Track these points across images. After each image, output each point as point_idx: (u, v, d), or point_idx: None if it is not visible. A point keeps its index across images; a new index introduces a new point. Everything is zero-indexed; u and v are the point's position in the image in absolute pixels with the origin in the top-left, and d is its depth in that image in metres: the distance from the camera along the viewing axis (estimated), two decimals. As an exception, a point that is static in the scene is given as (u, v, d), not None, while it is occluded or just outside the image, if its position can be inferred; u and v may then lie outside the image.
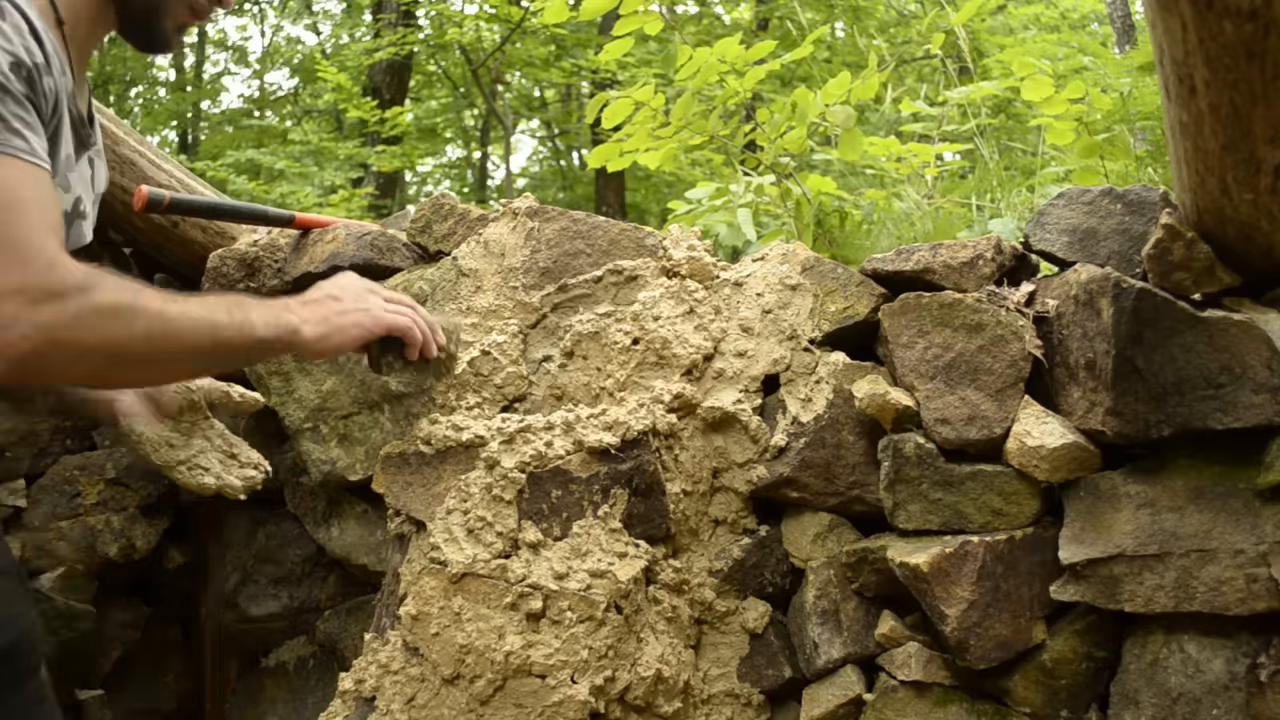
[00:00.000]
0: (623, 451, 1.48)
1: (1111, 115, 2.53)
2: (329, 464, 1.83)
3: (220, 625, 2.01)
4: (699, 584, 1.55)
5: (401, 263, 1.92)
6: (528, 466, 1.45)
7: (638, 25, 2.50)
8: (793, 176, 2.36)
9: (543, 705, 1.38)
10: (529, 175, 13.05)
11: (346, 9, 11.80)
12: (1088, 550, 1.34)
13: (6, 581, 1.19)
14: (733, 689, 1.55)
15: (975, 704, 1.42)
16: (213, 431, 1.56)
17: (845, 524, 1.55)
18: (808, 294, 1.60)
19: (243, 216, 1.98)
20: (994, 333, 1.44)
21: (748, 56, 2.38)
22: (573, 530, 1.45)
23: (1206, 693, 1.30)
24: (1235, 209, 1.23)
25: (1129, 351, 1.30)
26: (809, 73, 6.11)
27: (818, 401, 1.55)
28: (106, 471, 2.02)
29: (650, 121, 2.45)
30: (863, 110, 3.86)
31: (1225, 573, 1.29)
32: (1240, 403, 1.29)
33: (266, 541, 2.00)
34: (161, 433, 1.52)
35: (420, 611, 1.44)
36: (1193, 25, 1.04)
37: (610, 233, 1.72)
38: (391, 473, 1.53)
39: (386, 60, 8.17)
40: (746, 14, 9.16)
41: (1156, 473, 1.35)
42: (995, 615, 1.37)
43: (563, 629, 1.40)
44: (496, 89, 9.21)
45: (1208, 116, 1.13)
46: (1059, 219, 1.47)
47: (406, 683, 1.45)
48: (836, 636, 1.50)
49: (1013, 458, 1.40)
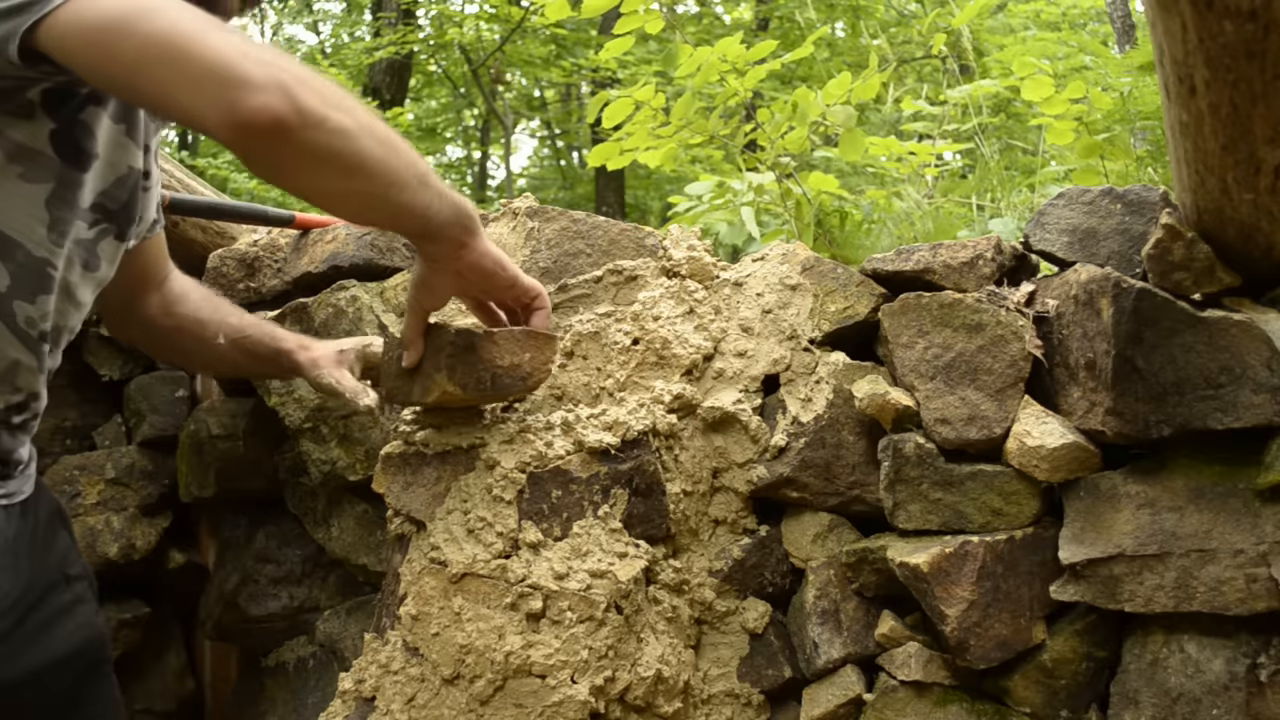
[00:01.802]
0: (623, 451, 1.48)
1: (1111, 115, 2.54)
2: (329, 464, 1.83)
3: (220, 625, 2.00)
4: (699, 584, 1.55)
5: (401, 263, 1.92)
6: (528, 466, 1.45)
7: (638, 24, 2.50)
8: (793, 176, 2.36)
9: (543, 705, 1.38)
10: (529, 175, 13.05)
11: (346, 9, 11.80)
12: (1088, 550, 1.34)
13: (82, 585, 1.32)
14: (733, 689, 1.55)
15: (975, 704, 1.42)
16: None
17: (845, 524, 1.55)
18: (808, 294, 1.60)
19: (243, 216, 1.99)
20: (994, 333, 1.44)
21: (748, 56, 2.39)
22: (573, 530, 1.45)
23: (1206, 693, 1.30)
24: (1235, 209, 1.23)
25: (1129, 351, 1.30)
26: (810, 72, 6.10)
27: (818, 401, 1.55)
28: (106, 471, 2.02)
29: (651, 121, 2.45)
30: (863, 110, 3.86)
31: (1225, 573, 1.29)
32: (1240, 403, 1.29)
33: (266, 541, 2.00)
34: (356, 384, 1.62)
35: (420, 611, 1.44)
36: (1193, 25, 1.04)
37: (610, 233, 1.72)
38: (391, 473, 1.53)
39: (386, 60, 8.17)
40: (747, 14, 9.16)
41: (1156, 473, 1.35)
42: (995, 615, 1.37)
43: (563, 629, 1.40)
44: (496, 89, 9.21)
45: (1208, 116, 1.13)
46: (1059, 219, 1.47)
47: (406, 683, 1.45)
48: (836, 636, 1.50)
49: (1013, 458, 1.40)
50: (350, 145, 1.07)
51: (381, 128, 1.13)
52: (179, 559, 2.08)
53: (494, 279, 1.33)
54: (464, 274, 1.29)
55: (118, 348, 2.11)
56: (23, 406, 1.23)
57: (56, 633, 1.26)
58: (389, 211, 1.18)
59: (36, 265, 1.19)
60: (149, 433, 2.07)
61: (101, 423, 2.12)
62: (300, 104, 1.02)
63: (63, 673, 1.27)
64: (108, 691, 1.36)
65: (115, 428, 2.12)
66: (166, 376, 2.10)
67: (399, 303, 1.83)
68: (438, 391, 1.38)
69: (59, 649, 1.26)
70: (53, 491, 1.40)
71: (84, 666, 1.31)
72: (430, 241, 1.25)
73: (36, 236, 1.18)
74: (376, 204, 1.16)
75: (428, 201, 1.18)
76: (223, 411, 1.98)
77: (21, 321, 1.19)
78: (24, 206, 1.16)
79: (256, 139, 1.02)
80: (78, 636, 1.30)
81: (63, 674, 1.27)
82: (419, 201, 1.17)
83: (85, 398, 2.11)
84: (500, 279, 1.33)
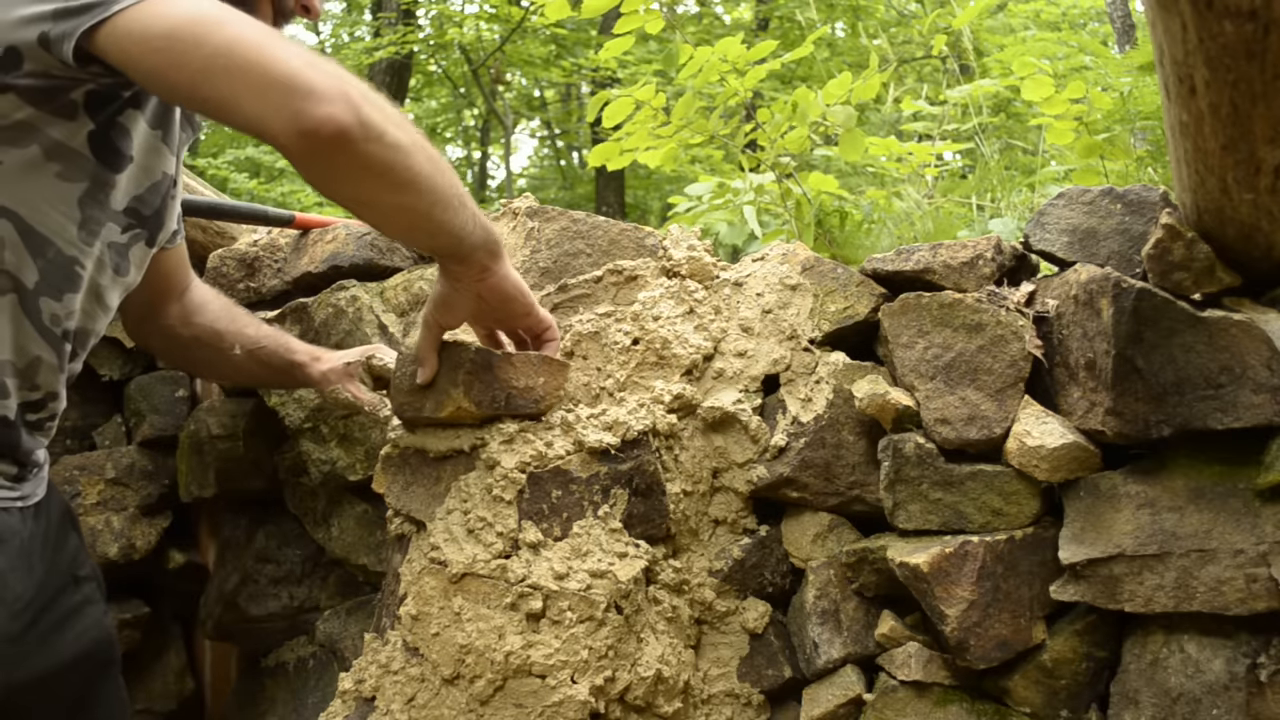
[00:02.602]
0: (623, 451, 1.48)
1: (1111, 115, 2.54)
2: (329, 464, 1.83)
3: (220, 625, 2.00)
4: (699, 584, 1.55)
5: (401, 263, 1.92)
6: (528, 466, 1.45)
7: (638, 24, 2.50)
8: (793, 176, 2.36)
9: (543, 705, 1.38)
10: (529, 175, 13.06)
11: (346, 9, 11.80)
12: (1088, 550, 1.34)
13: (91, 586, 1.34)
14: (733, 689, 1.55)
15: (975, 704, 1.42)
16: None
17: (845, 524, 1.55)
18: (808, 294, 1.60)
19: (242, 216, 1.99)
20: (994, 333, 1.44)
21: (749, 56, 2.39)
22: (573, 530, 1.45)
23: (1206, 693, 1.30)
24: (1235, 209, 1.23)
25: (1129, 351, 1.30)
26: (810, 72, 6.10)
27: (818, 401, 1.55)
28: (106, 471, 2.03)
29: (651, 121, 2.45)
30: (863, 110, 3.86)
31: (1225, 573, 1.29)
32: (1240, 403, 1.29)
33: (266, 541, 2.00)
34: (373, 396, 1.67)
35: (420, 611, 1.44)
36: (1193, 25, 1.04)
37: (610, 233, 1.72)
38: (391, 473, 1.53)
39: (386, 60, 8.17)
40: (747, 14, 9.16)
41: (1156, 473, 1.35)
42: (995, 615, 1.37)
43: (563, 629, 1.40)
44: (496, 89, 9.22)
45: (1208, 116, 1.13)
46: (1059, 219, 1.47)
47: (406, 683, 1.45)
48: (836, 636, 1.50)
49: (1013, 458, 1.40)
50: (405, 160, 1.12)
51: (430, 147, 1.18)
52: (179, 559, 2.08)
53: (512, 305, 1.37)
54: (485, 296, 1.33)
55: (118, 348, 2.11)
56: (41, 405, 1.24)
57: (67, 634, 1.27)
58: (429, 229, 1.22)
59: (65, 263, 1.20)
60: (149, 433, 2.07)
61: (101, 423, 2.12)
62: (364, 116, 1.07)
63: (72, 674, 1.28)
64: (115, 693, 1.37)
65: (115, 428, 2.12)
66: (166, 376, 2.10)
67: (399, 303, 1.83)
68: (452, 407, 1.42)
69: (69, 651, 1.27)
70: (54, 492, 1.41)
71: (93, 668, 1.32)
72: (459, 262, 1.28)
73: (68, 235, 1.20)
74: (420, 220, 1.20)
75: (463, 222, 1.23)
76: (223, 411, 1.98)
77: (46, 318, 1.20)
78: (58, 204, 1.18)
79: (320, 147, 1.06)
80: (87, 638, 1.31)
81: (72, 675, 1.28)
82: (457, 222, 1.22)
83: (85, 398, 2.11)
84: (518, 305, 1.37)
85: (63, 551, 1.31)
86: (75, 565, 1.33)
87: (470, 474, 1.47)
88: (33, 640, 1.21)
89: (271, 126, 1.06)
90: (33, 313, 1.19)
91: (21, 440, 1.22)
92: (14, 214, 1.15)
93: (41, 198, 1.16)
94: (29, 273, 1.17)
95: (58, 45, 1.07)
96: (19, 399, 1.20)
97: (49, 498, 1.31)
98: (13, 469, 1.22)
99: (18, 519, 1.21)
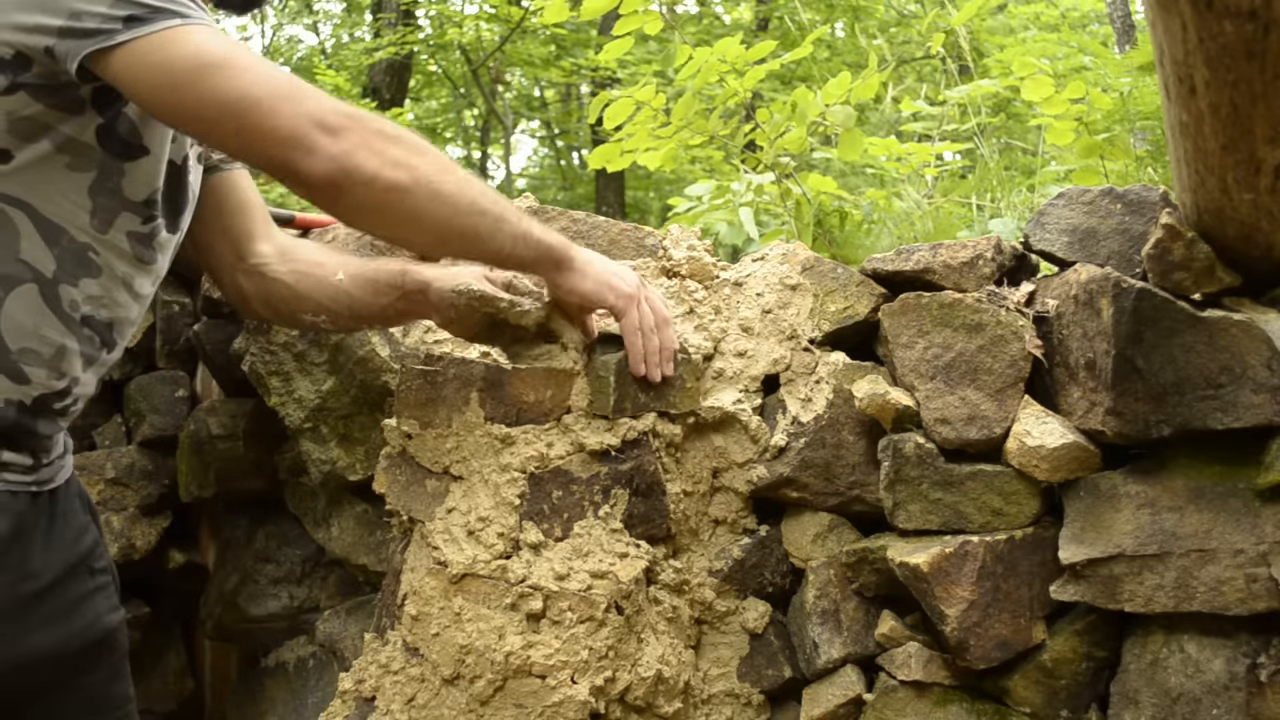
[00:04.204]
0: (623, 452, 1.48)
1: (1111, 115, 2.54)
2: (329, 464, 1.83)
3: (220, 625, 2.00)
4: (699, 584, 1.55)
5: (401, 263, 1.92)
6: (528, 467, 1.45)
7: (638, 25, 2.50)
8: (793, 176, 2.36)
9: (543, 705, 1.38)
10: (529, 175, 13.05)
11: (346, 9, 11.79)
12: (1088, 550, 1.34)
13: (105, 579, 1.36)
14: (733, 689, 1.55)
15: (975, 704, 1.42)
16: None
17: (845, 524, 1.55)
18: (808, 294, 1.60)
19: (243, 216, 1.98)
20: (994, 333, 1.44)
21: (748, 56, 2.38)
22: (573, 531, 1.45)
23: (1206, 692, 1.30)
24: (1235, 209, 1.23)
25: (1129, 351, 1.30)
26: (809, 72, 6.10)
27: (818, 401, 1.55)
28: (106, 471, 2.02)
29: (651, 121, 2.45)
30: (863, 110, 3.86)
31: (1225, 573, 1.29)
32: (1240, 403, 1.29)
33: (266, 541, 2.00)
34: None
35: (420, 612, 1.44)
36: (1193, 25, 1.04)
37: (610, 233, 1.72)
38: (392, 473, 1.53)
39: (386, 60, 8.17)
40: (746, 14, 9.16)
41: (1156, 473, 1.35)
42: (995, 615, 1.37)
43: (563, 629, 1.40)
44: (496, 89, 9.22)
45: (1208, 116, 1.13)
46: (1059, 219, 1.47)
47: (406, 683, 1.45)
48: (836, 636, 1.50)
49: (1013, 458, 1.40)
50: (400, 200, 1.21)
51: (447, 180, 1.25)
52: (179, 559, 2.08)
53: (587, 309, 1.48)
54: (563, 299, 1.46)
55: (118, 348, 2.10)
56: (65, 393, 1.26)
57: (75, 621, 1.28)
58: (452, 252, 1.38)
59: (79, 250, 1.24)
60: (149, 433, 2.06)
61: (101, 423, 2.12)
62: (353, 165, 1.17)
63: (79, 660, 1.29)
64: (123, 690, 1.38)
65: (115, 428, 2.11)
66: (166, 376, 2.10)
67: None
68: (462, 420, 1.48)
69: (75, 640, 1.28)
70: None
71: (100, 657, 1.32)
72: (525, 271, 1.43)
73: (80, 222, 1.23)
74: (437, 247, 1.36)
75: (500, 245, 1.32)
76: (223, 411, 1.97)
77: (66, 305, 1.23)
78: (69, 193, 1.21)
79: (316, 196, 1.21)
80: (97, 627, 1.31)
81: (79, 661, 1.29)
82: (490, 249, 1.33)
83: (85, 398, 2.11)
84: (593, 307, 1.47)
85: (79, 541, 1.32)
86: (92, 557, 1.33)
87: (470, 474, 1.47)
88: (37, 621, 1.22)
89: (272, 174, 1.21)
90: (52, 300, 1.22)
91: (39, 425, 1.24)
92: (27, 205, 1.19)
93: (53, 188, 1.20)
94: (46, 261, 1.21)
95: (62, 60, 1.13)
96: (42, 388, 1.22)
97: (68, 486, 1.32)
98: (28, 458, 1.23)
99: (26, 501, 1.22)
